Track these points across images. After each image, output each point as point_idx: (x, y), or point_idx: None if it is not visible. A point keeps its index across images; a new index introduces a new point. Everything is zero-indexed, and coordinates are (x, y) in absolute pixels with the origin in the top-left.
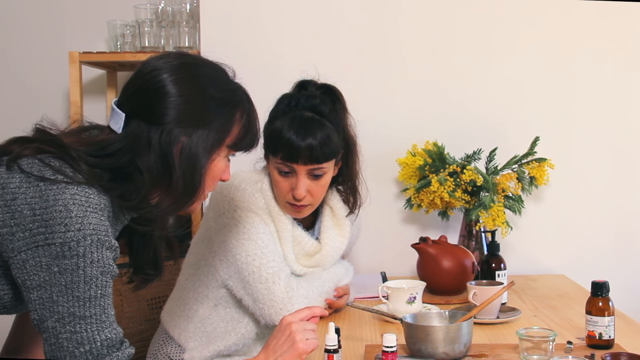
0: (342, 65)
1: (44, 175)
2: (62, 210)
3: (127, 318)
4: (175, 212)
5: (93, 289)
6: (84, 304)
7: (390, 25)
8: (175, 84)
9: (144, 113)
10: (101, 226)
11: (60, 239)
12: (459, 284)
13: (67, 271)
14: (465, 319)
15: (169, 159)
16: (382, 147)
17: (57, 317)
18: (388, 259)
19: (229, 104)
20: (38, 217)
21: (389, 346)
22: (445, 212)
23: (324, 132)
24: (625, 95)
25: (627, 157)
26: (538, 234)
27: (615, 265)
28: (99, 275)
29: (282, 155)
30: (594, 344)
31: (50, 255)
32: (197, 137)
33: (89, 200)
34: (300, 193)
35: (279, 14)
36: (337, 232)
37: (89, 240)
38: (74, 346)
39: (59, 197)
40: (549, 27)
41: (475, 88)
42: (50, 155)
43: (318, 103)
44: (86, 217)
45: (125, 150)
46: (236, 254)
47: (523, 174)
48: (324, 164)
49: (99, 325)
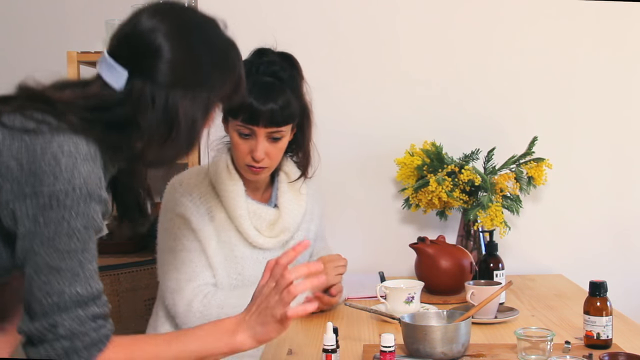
0: (340, 65)
1: (26, 127)
2: (50, 161)
3: (125, 318)
4: (165, 165)
5: (74, 242)
6: (62, 256)
7: (388, 25)
8: (177, 47)
9: (147, 72)
10: (92, 176)
11: (48, 190)
12: (457, 284)
13: (52, 223)
14: (463, 318)
15: (173, 120)
16: (380, 147)
17: (34, 267)
18: (386, 259)
19: (225, 63)
20: (26, 168)
21: (387, 346)
22: (444, 212)
23: (284, 97)
24: (623, 96)
25: (625, 157)
26: (536, 234)
27: (614, 265)
28: (82, 229)
29: (243, 118)
30: (592, 343)
31: (37, 206)
32: (199, 99)
33: (77, 148)
34: (259, 155)
35: (278, 13)
36: (293, 195)
37: (77, 192)
38: (42, 295)
39: (46, 148)
40: (548, 27)
41: (473, 88)
42: (34, 109)
43: (278, 69)
44: (76, 167)
45: (126, 107)
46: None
47: (521, 173)
48: (283, 127)
49: (72, 278)
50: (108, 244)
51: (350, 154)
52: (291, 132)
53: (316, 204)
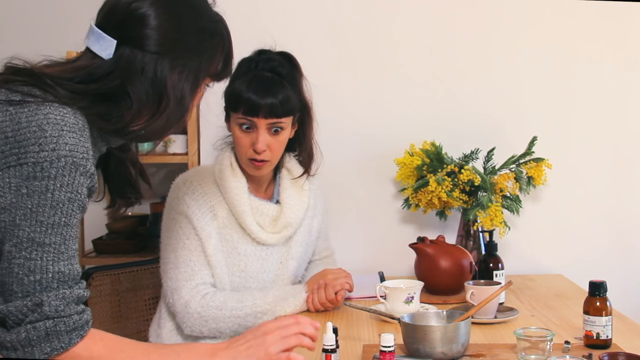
0: (340, 65)
1: (11, 99)
2: (36, 131)
3: (125, 318)
4: (156, 139)
5: (58, 215)
6: (45, 229)
7: (388, 25)
8: (164, 15)
9: (135, 41)
10: (79, 147)
11: (33, 159)
12: (457, 284)
13: (35, 193)
14: (463, 318)
15: (162, 91)
16: (380, 147)
17: (16, 242)
18: (386, 259)
19: (215, 35)
20: (10, 139)
21: (386, 346)
22: (443, 212)
23: (284, 91)
24: (623, 96)
25: (625, 157)
26: (536, 234)
27: (613, 265)
28: (67, 201)
29: (244, 110)
30: (592, 343)
31: (21, 176)
32: (189, 68)
33: (64, 119)
34: (260, 146)
35: (278, 13)
36: (295, 191)
37: (62, 162)
38: (24, 273)
39: (31, 118)
40: (547, 27)
41: (473, 88)
42: (19, 83)
43: (276, 65)
44: (62, 136)
45: (115, 76)
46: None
47: (521, 173)
48: (283, 118)
49: (55, 255)
50: (108, 244)
51: (350, 154)
52: (292, 129)
53: (319, 200)
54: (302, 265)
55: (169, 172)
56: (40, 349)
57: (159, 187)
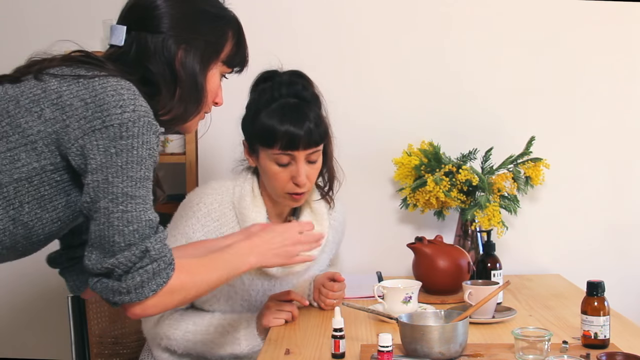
0: (338, 65)
1: (79, 74)
2: (114, 95)
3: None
4: (180, 124)
5: (143, 170)
6: (135, 183)
7: (386, 25)
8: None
9: (143, 23)
10: (149, 109)
11: (118, 120)
12: (455, 284)
13: (124, 152)
14: (461, 318)
15: (173, 67)
16: (377, 147)
17: (111, 197)
18: (384, 259)
19: (222, 19)
20: (91, 104)
21: (384, 346)
22: (441, 212)
23: (315, 114)
24: (621, 96)
25: (622, 157)
26: (534, 234)
27: (611, 265)
28: (147, 157)
29: (282, 145)
30: (590, 343)
31: (108, 137)
32: (194, 47)
33: (132, 87)
34: (303, 179)
35: (275, 12)
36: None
37: (142, 121)
38: (123, 224)
39: (105, 84)
40: (547, 27)
41: (471, 88)
42: (77, 61)
43: (300, 89)
44: (137, 99)
45: (136, 60)
46: None
47: (519, 173)
48: (320, 145)
49: (144, 206)
50: None
51: (348, 154)
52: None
53: (338, 234)
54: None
55: (167, 172)
56: (149, 287)
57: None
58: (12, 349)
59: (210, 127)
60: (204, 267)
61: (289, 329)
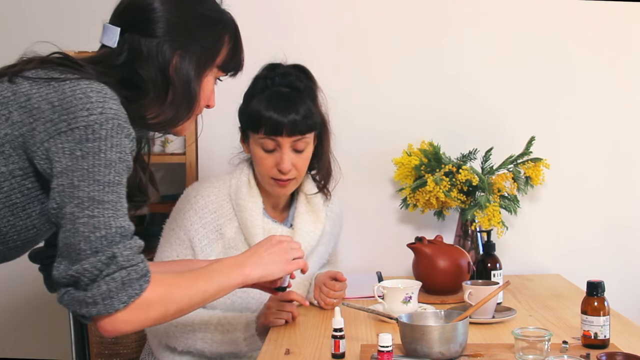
0: (338, 65)
1: (52, 76)
2: (82, 97)
3: None
4: (170, 127)
5: (112, 173)
6: (103, 188)
7: (386, 25)
8: (165, 1)
9: (138, 26)
10: (121, 112)
11: (84, 122)
12: (455, 284)
13: (90, 154)
14: (461, 318)
15: (166, 73)
16: (377, 147)
17: (77, 202)
18: (384, 259)
19: (218, 23)
20: (58, 107)
21: (384, 346)
22: (441, 212)
23: (305, 105)
24: (621, 96)
25: (622, 157)
26: (534, 234)
27: (611, 265)
28: (117, 161)
29: (266, 130)
30: (590, 343)
31: (73, 139)
32: (190, 52)
33: (104, 89)
34: (286, 166)
35: (275, 12)
36: (310, 217)
37: (110, 123)
38: (89, 231)
39: (75, 87)
40: (546, 26)
41: (471, 88)
42: (54, 64)
43: (294, 80)
44: (106, 102)
45: (126, 62)
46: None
47: (519, 173)
48: (307, 135)
49: (114, 212)
50: None
51: (348, 154)
52: (313, 143)
53: (336, 226)
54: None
55: (166, 171)
56: (118, 298)
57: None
58: (12, 349)
59: (211, 127)
60: (186, 280)
61: (289, 329)
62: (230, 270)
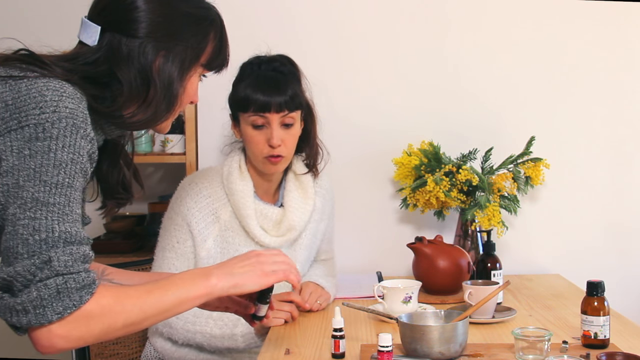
0: (338, 64)
1: (10, 74)
2: (36, 96)
3: None
4: (148, 127)
5: (61, 175)
6: (49, 189)
7: (386, 25)
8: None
9: (119, 26)
10: (78, 111)
11: (35, 120)
12: (455, 284)
13: (38, 154)
14: (461, 318)
15: (148, 73)
16: (377, 147)
17: (20, 203)
18: (384, 259)
19: (204, 21)
20: (11, 105)
21: (384, 346)
22: (441, 212)
23: (290, 85)
24: (621, 95)
25: (622, 157)
26: (534, 234)
27: (611, 265)
28: (69, 162)
29: (254, 108)
30: (590, 343)
31: (22, 138)
32: (174, 53)
33: (63, 87)
34: (276, 141)
35: (275, 13)
36: (300, 194)
37: (64, 122)
38: (29, 233)
39: (31, 86)
40: (546, 27)
41: (471, 88)
42: (17, 62)
43: (278, 65)
44: (62, 100)
45: (102, 61)
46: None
47: (519, 173)
48: (294, 112)
49: (60, 216)
50: (105, 244)
51: (348, 154)
52: (300, 127)
53: (327, 202)
54: (306, 267)
55: (166, 172)
56: (52, 308)
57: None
58: (12, 349)
59: (211, 127)
60: (139, 291)
61: (289, 329)
62: (193, 281)
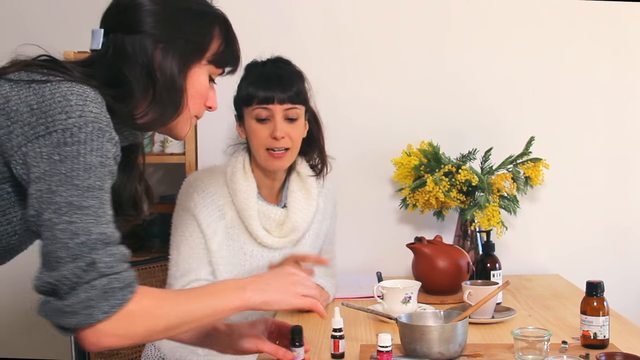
0: (338, 65)
1: (33, 78)
2: (61, 100)
3: None
4: (161, 125)
5: (92, 178)
6: (82, 193)
7: (386, 25)
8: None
9: (121, 25)
10: (102, 116)
11: (62, 126)
12: (454, 284)
13: (68, 158)
14: (460, 318)
15: (150, 69)
16: (377, 147)
17: (55, 208)
18: (383, 259)
19: (206, 15)
20: (36, 110)
21: (384, 346)
22: (441, 212)
23: (294, 80)
24: (620, 95)
25: (621, 157)
26: (533, 234)
27: (611, 265)
28: (98, 165)
29: (258, 100)
30: (589, 343)
31: (51, 144)
32: (174, 47)
33: (86, 92)
34: (279, 133)
35: (275, 13)
36: (303, 195)
37: (90, 127)
38: (68, 237)
39: (55, 90)
40: (546, 27)
41: (470, 88)
42: (39, 67)
43: (282, 64)
44: (86, 105)
45: (111, 61)
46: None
47: (518, 173)
48: (298, 105)
49: (95, 218)
50: None
51: (347, 154)
52: (305, 127)
53: (329, 203)
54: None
55: (166, 172)
56: (99, 308)
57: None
58: (12, 349)
59: (210, 128)
60: (175, 295)
61: None
62: (228, 293)
